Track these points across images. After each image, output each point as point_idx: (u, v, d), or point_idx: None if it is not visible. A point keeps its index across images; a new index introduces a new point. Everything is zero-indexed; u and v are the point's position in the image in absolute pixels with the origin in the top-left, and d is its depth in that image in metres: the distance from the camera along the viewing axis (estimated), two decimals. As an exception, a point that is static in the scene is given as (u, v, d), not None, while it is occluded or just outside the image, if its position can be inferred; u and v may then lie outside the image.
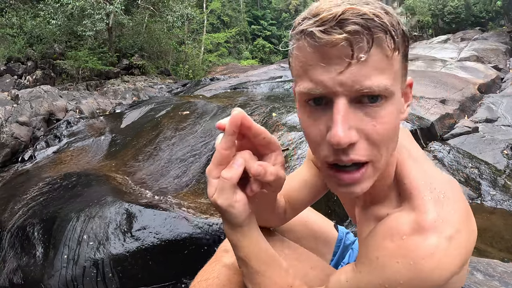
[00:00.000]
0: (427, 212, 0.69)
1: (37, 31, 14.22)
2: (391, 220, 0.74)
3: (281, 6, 40.16)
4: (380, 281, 0.70)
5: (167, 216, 2.45)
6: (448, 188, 0.73)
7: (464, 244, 0.69)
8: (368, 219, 0.82)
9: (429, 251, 0.65)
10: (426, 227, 0.67)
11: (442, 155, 4.47)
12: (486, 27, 26.06)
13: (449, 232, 0.67)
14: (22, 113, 6.77)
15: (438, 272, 0.65)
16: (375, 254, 0.72)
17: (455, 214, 0.69)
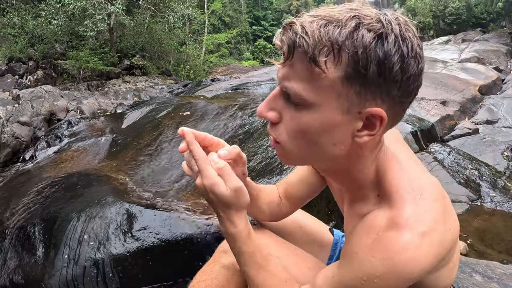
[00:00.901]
0: (403, 210, 0.73)
1: (38, 31, 14.24)
2: (370, 218, 0.78)
3: (282, 7, 40.16)
4: (359, 275, 0.73)
5: (168, 216, 2.46)
6: (427, 188, 0.78)
7: (438, 241, 0.71)
8: (352, 216, 0.87)
9: (402, 246, 0.69)
10: (400, 224, 0.71)
11: (442, 156, 4.47)
12: (487, 28, 26.03)
13: (422, 229, 0.70)
14: (23, 113, 6.78)
15: (411, 266, 0.69)
16: (354, 250, 0.76)
17: (430, 213, 0.73)
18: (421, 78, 0.77)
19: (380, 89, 0.68)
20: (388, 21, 0.67)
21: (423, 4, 30.03)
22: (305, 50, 0.66)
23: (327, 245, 1.29)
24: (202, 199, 2.93)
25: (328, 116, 0.70)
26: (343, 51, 0.64)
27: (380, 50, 0.65)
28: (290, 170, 3.03)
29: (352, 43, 0.64)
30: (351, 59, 0.65)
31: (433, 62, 10.52)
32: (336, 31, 0.64)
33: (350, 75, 0.66)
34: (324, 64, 0.65)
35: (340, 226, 2.82)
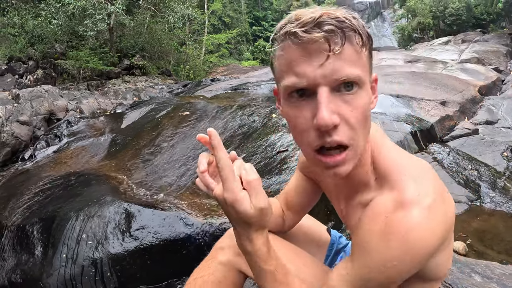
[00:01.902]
0: (405, 189, 0.76)
1: (38, 31, 14.22)
2: (372, 206, 0.80)
3: (282, 7, 40.16)
4: (377, 264, 0.74)
5: (166, 216, 2.46)
6: (422, 167, 0.82)
7: (443, 212, 0.74)
8: (355, 207, 0.88)
9: (413, 222, 0.71)
10: (406, 203, 0.73)
11: (442, 157, 4.47)
12: (487, 29, 26.02)
13: (427, 203, 0.73)
14: (22, 112, 6.78)
15: (426, 240, 0.71)
16: (365, 240, 0.77)
17: (430, 188, 0.76)
18: None
19: (372, 56, 0.78)
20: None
21: (423, 5, 30.01)
22: (359, 32, 0.71)
23: (324, 244, 1.30)
24: (200, 198, 2.93)
25: (368, 90, 0.77)
26: (363, 34, 0.73)
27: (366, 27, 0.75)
28: (289, 170, 3.03)
29: (361, 24, 0.73)
30: (367, 36, 0.74)
31: (433, 63, 10.52)
32: (350, 16, 0.72)
33: (370, 50, 0.76)
34: (365, 44, 0.73)
35: (339, 226, 2.82)
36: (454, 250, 2.50)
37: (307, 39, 0.69)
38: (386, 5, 48.97)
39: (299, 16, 0.71)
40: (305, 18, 0.70)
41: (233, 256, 1.06)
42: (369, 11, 50.20)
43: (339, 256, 1.29)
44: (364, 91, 0.74)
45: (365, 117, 0.74)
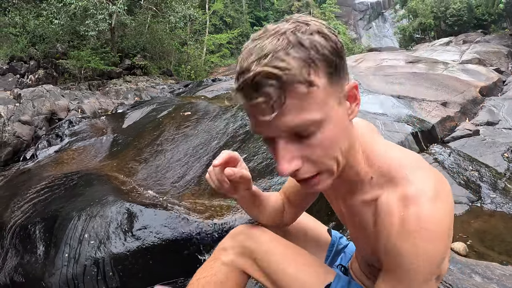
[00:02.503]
0: (408, 183, 0.78)
1: (40, 31, 14.23)
2: (383, 206, 0.81)
3: (283, 8, 40.11)
4: (417, 265, 0.76)
5: (168, 216, 2.47)
6: (415, 160, 0.85)
7: (447, 198, 0.78)
8: (356, 206, 0.90)
9: (426, 213, 0.74)
10: (413, 196, 0.76)
11: (443, 157, 4.47)
12: (488, 30, 25.99)
13: (431, 191, 0.76)
14: (24, 112, 6.79)
15: (444, 225, 0.75)
16: (390, 246, 0.78)
17: (428, 176, 0.80)
18: None
19: (342, 67, 0.73)
20: (308, 19, 0.72)
21: (424, 5, 29.98)
22: (297, 81, 0.67)
23: (324, 245, 1.31)
24: (202, 199, 2.94)
25: (334, 117, 0.74)
26: (316, 59, 0.68)
27: (330, 40, 0.70)
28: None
29: (317, 50, 0.68)
30: (324, 62, 0.69)
31: (434, 63, 10.52)
32: (295, 51, 0.67)
33: (329, 74, 0.70)
34: (315, 79, 0.68)
35: (340, 227, 2.83)
36: (454, 251, 2.51)
37: (249, 104, 0.71)
38: (387, 6, 48.90)
39: (240, 69, 0.71)
40: (243, 79, 0.69)
41: (236, 256, 1.07)
42: (370, 12, 50.14)
43: (339, 257, 1.30)
44: (327, 124, 0.72)
45: (332, 146, 0.75)
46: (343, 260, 1.28)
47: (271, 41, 0.68)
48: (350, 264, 1.22)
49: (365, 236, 0.92)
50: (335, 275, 1.05)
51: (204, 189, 3.16)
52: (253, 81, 0.67)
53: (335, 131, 0.74)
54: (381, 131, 4.58)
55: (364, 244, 0.98)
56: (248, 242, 1.08)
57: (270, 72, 0.65)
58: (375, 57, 12.97)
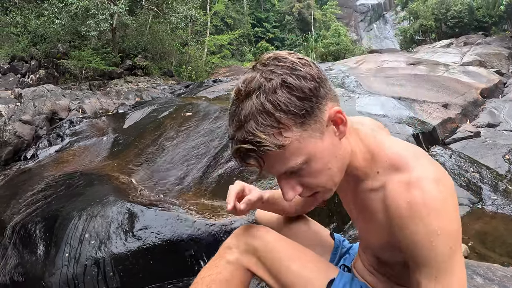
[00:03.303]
0: (411, 169, 0.85)
1: (41, 30, 14.23)
2: (390, 194, 0.86)
3: (284, 9, 40.12)
4: (436, 243, 0.80)
5: (169, 216, 2.46)
6: (420, 151, 0.91)
7: (446, 180, 0.85)
8: (365, 195, 0.96)
9: (434, 194, 0.80)
10: (417, 181, 0.82)
11: (444, 159, 4.47)
12: (489, 32, 26.00)
13: (433, 177, 0.82)
14: (25, 111, 6.80)
15: (450, 202, 0.81)
16: (407, 233, 0.82)
17: (429, 162, 0.87)
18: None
19: (315, 107, 0.79)
20: (273, 69, 0.79)
21: (425, 7, 29.99)
22: (269, 148, 0.78)
23: (328, 249, 1.32)
24: (203, 199, 2.94)
25: (319, 150, 0.82)
26: (284, 119, 0.76)
27: (295, 90, 0.77)
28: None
29: (282, 110, 0.76)
30: (292, 115, 0.77)
31: (435, 65, 10.52)
32: (266, 117, 0.76)
33: (301, 123, 0.78)
34: (285, 139, 0.77)
35: (341, 228, 2.82)
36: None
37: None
38: (388, 7, 48.94)
39: (229, 134, 0.84)
40: (232, 147, 0.83)
41: (241, 255, 1.08)
42: (371, 13, 50.18)
43: (343, 259, 1.30)
44: (311, 160, 0.82)
45: (322, 173, 0.85)
46: (346, 261, 1.28)
47: (243, 108, 0.78)
48: (353, 263, 1.23)
49: (376, 226, 0.95)
50: (338, 272, 1.07)
51: (205, 190, 3.16)
52: (237, 154, 0.82)
53: (322, 161, 0.84)
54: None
55: (374, 235, 1.00)
56: (253, 241, 1.09)
57: (246, 148, 0.79)
58: (376, 58, 12.98)
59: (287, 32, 38.39)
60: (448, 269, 0.82)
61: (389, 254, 0.97)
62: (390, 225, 0.88)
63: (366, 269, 1.13)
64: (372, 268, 1.11)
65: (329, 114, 0.82)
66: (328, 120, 0.82)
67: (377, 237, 0.99)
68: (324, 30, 33.89)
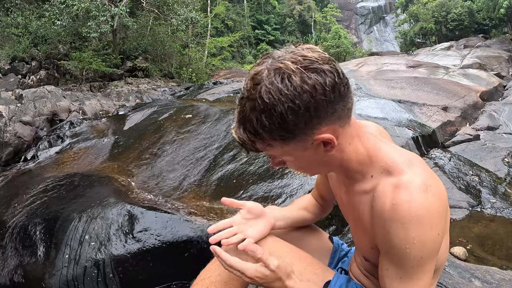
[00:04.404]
0: (402, 173, 0.87)
1: (42, 32, 14.28)
2: (378, 195, 0.90)
3: (285, 11, 40.20)
4: (410, 249, 0.83)
5: (169, 218, 2.47)
6: (415, 158, 0.93)
7: (438, 189, 0.86)
8: (356, 196, 0.99)
9: (420, 200, 0.82)
10: (406, 185, 0.85)
11: (443, 162, 4.47)
12: (489, 34, 26.08)
13: (423, 183, 0.84)
14: (25, 112, 6.80)
15: (435, 213, 0.83)
16: (385, 232, 0.86)
17: (422, 170, 0.89)
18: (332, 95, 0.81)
19: (299, 129, 0.81)
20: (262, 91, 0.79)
21: (426, 10, 30.07)
22: (252, 150, 0.89)
23: (326, 252, 1.33)
24: (203, 201, 2.94)
25: (301, 156, 0.89)
26: (262, 133, 0.82)
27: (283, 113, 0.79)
28: (291, 174, 3.04)
29: (262, 127, 0.81)
30: (269, 132, 0.82)
31: (435, 68, 10.53)
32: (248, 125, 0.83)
33: (282, 137, 0.83)
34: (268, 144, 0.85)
35: (340, 231, 2.83)
36: (454, 255, 2.51)
37: None
38: (389, 10, 49.01)
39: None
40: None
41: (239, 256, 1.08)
42: (372, 16, 50.27)
43: (341, 262, 1.31)
44: (294, 160, 0.91)
45: (302, 168, 0.95)
46: (344, 264, 1.29)
47: (240, 110, 0.85)
48: (350, 266, 1.24)
49: (363, 228, 0.98)
50: (334, 274, 1.09)
51: (205, 192, 3.16)
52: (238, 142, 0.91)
53: (301, 164, 0.92)
54: (382, 135, 4.58)
55: (363, 238, 1.04)
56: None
57: (238, 141, 0.89)
58: (376, 61, 12.99)
59: (287, 34, 38.43)
60: (414, 275, 0.86)
61: (377, 257, 0.99)
62: (374, 225, 0.91)
63: (361, 272, 1.15)
64: (366, 271, 1.12)
65: (318, 137, 0.83)
66: (316, 140, 0.84)
67: (365, 239, 1.02)
68: (325, 33, 33.97)
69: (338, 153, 0.90)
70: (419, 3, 31.44)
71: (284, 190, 2.86)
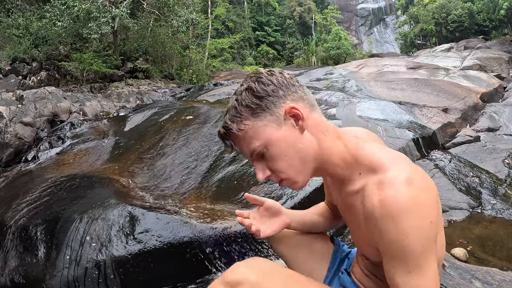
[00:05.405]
0: (387, 170, 0.92)
1: (42, 32, 14.27)
2: (366, 191, 0.94)
3: (285, 13, 40.19)
4: (407, 241, 0.85)
5: (170, 219, 2.47)
6: (400, 156, 0.99)
7: (423, 183, 0.90)
8: (349, 197, 1.04)
9: (406, 194, 0.86)
10: (390, 181, 0.89)
11: (444, 163, 4.48)
12: (489, 36, 26.08)
13: (407, 178, 0.88)
14: (26, 113, 6.81)
15: (422, 203, 0.86)
16: (379, 230, 0.89)
17: (407, 166, 0.94)
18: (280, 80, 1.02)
19: (269, 103, 0.99)
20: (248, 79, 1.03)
21: (426, 11, 30.09)
22: (234, 132, 1.00)
23: (327, 253, 1.34)
24: (204, 203, 2.95)
25: (275, 137, 0.98)
26: (241, 111, 0.99)
27: (254, 92, 0.99)
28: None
29: (241, 104, 0.99)
30: (247, 108, 0.99)
31: (435, 70, 10.54)
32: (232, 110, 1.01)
33: (256, 114, 0.99)
34: (242, 125, 0.99)
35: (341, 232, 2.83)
36: (455, 256, 2.51)
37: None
38: (389, 11, 49.05)
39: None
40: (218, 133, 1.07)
41: None
42: (372, 17, 50.31)
43: (344, 263, 1.31)
44: (270, 145, 0.99)
45: (282, 157, 1.00)
46: (345, 266, 1.30)
47: (229, 102, 1.04)
48: (352, 268, 1.24)
49: (359, 226, 1.02)
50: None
51: (205, 193, 3.17)
52: (219, 135, 1.07)
53: (279, 148, 0.99)
54: (382, 137, 4.59)
55: (360, 237, 1.07)
56: (251, 275, 1.03)
57: (221, 131, 1.04)
58: (376, 63, 13.00)
59: (288, 35, 38.42)
60: (422, 265, 0.87)
61: (376, 255, 0.99)
62: (367, 224, 0.94)
63: (363, 273, 1.15)
64: (368, 271, 1.14)
65: (285, 109, 0.98)
66: (285, 114, 0.98)
67: (362, 238, 1.05)
68: (325, 34, 33.95)
69: (314, 139, 1.00)
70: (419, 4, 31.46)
71: (285, 192, 2.87)
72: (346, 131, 1.09)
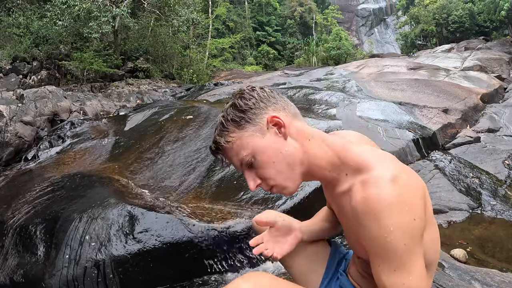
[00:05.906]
0: (371, 169, 0.94)
1: (43, 32, 14.27)
2: (352, 191, 0.96)
3: (286, 13, 40.19)
4: (390, 238, 0.86)
5: (169, 219, 2.47)
6: (385, 155, 1.01)
7: (409, 180, 0.91)
8: (339, 199, 1.06)
9: (388, 191, 0.87)
10: (373, 179, 0.91)
11: (444, 164, 4.48)
12: (490, 37, 26.05)
13: (390, 176, 0.90)
14: (26, 112, 6.81)
15: (405, 200, 0.87)
16: (362, 228, 0.91)
17: (392, 164, 0.95)
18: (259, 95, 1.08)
19: (252, 115, 1.04)
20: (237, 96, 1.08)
21: (426, 12, 30.07)
22: (223, 145, 1.05)
23: (324, 257, 1.35)
24: (204, 202, 2.95)
25: (262, 146, 1.03)
26: (228, 125, 1.04)
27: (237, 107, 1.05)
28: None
29: (227, 119, 1.05)
30: (233, 122, 1.04)
31: (435, 70, 10.54)
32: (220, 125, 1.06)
33: (240, 126, 1.04)
34: (230, 137, 1.04)
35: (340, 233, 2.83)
36: (454, 257, 2.51)
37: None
38: (390, 12, 49.05)
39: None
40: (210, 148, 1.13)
41: None
42: (373, 18, 50.31)
43: (341, 265, 1.31)
44: (257, 154, 1.03)
45: (269, 165, 1.03)
46: (342, 267, 1.30)
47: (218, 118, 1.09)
48: (349, 269, 1.24)
49: (349, 225, 1.04)
50: None
51: (205, 193, 3.17)
52: (210, 151, 1.13)
53: (266, 155, 1.03)
54: (382, 137, 4.59)
55: (350, 235, 1.08)
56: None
57: (212, 146, 1.10)
58: (376, 63, 12.99)
59: (288, 36, 38.42)
60: (406, 263, 0.87)
61: (366, 254, 0.99)
62: (354, 223, 0.95)
63: (359, 273, 1.16)
64: (363, 271, 1.14)
65: (267, 118, 1.04)
66: (268, 123, 1.04)
67: (353, 238, 1.06)
68: (325, 34, 33.96)
69: (298, 145, 1.04)
70: (420, 5, 31.45)
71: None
72: (334, 134, 1.14)
